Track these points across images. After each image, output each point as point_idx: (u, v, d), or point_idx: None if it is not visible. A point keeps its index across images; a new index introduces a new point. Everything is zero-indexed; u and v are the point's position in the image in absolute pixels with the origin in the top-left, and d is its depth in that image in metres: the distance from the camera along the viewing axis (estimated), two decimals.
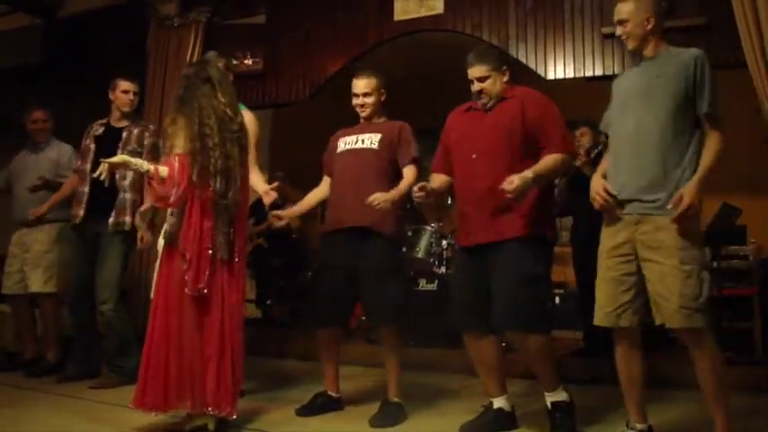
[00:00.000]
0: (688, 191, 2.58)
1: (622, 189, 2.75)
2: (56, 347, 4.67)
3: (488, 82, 3.19)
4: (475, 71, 3.21)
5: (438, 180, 3.35)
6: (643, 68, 2.83)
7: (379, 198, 3.26)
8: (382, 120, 3.66)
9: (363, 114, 3.64)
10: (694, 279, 2.59)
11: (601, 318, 2.81)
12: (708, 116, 2.67)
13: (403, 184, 3.45)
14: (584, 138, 4.83)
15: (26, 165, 4.85)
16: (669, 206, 2.61)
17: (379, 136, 3.56)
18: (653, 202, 2.67)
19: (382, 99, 3.65)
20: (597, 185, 2.81)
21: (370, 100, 3.60)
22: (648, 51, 2.81)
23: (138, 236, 4.14)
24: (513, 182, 2.87)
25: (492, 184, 3.00)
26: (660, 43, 2.82)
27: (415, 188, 3.17)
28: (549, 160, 3.06)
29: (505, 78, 3.22)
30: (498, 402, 3.23)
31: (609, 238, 2.83)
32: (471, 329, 3.24)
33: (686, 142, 2.69)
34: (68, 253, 4.58)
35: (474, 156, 3.17)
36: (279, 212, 3.64)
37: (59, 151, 4.84)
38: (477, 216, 3.14)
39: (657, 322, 2.66)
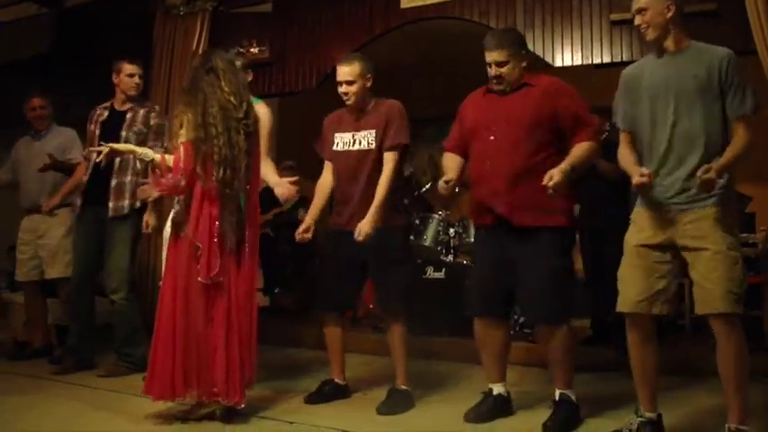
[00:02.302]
0: (715, 169, 2.54)
1: (665, 185, 2.73)
2: None
3: (507, 67, 3.11)
4: (494, 55, 3.11)
5: (452, 162, 3.31)
6: (668, 64, 2.77)
7: (365, 232, 3.27)
8: (372, 104, 3.53)
9: (348, 103, 3.50)
10: (740, 265, 2.62)
11: (631, 305, 2.75)
12: (740, 118, 2.66)
13: (380, 191, 3.37)
14: None
15: (31, 152, 4.79)
16: (698, 173, 2.57)
17: (373, 133, 3.47)
18: (696, 194, 2.66)
19: (368, 85, 3.50)
20: (636, 172, 2.73)
21: (353, 88, 3.45)
22: (670, 44, 2.76)
23: (144, 220, 4.14)
24: (552, 177, 2.86)
25: (511, 168, 3.00)
26: (682, 36, 2.77)
27: (441, 184, 3.16)
28: (582, 150, 3.04)
29: (524, 64, 3.16)
30: (497, 388, 3.25)
31: (643, 228, 2.79)
32: (487, 315, 3.23)
33: (723, 137, 2.69)
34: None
35: (492, 138, 3.14)
36: (304, 231, 3.53)
37: (65, 136, 4.80)
38: (493, 197, 3.11)
39: (698, 310, 2.66)
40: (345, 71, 3.46)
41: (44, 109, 4.83)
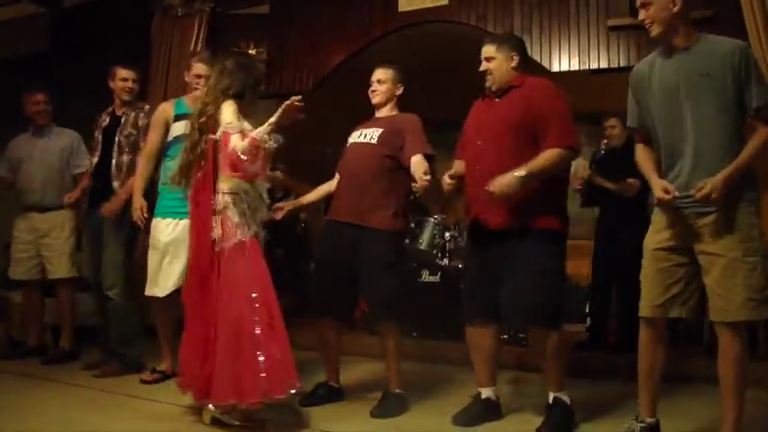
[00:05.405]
0: (713, 182, 2.52)
1: (683, 186, 2.66)
2: (71, 334, 4.68)
3: (494, 63, 3.18)
4: (484, 50, 3.23)
5: (459, 166, 3.35)
6: (680, 62, 2.67)
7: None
8: (393, 113, 3.65)
9: (374, 100, 3.64)
10: (759, 271, 2.56)
11: (649, 309, 2.74)
12: (759, 110, 2.59)
13: (419, 171, 3.31)
14: (614, 130, 4.67)
15: (34, 149, 4.74)
16: (693, 191, 2.56)
17: (380, 131, 3.54)
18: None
19: (397, 93, 3.64)
20: (659, 186, 2.69)
21: (381, 87, 3.62)
22: (679, 41, 2.67)
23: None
24: (496, 183, 2.89)
25: (495, 172, 2.98)
26: (691, 31, 2.67)
27: (446, 178, 3.24)
28: (544, 156, 3.00)
29: (513, 64, 3.19)
30: (486, 392, 3.25)
31: (661, 231, 2.75)
32: (475, 320, 3.23)
33: (741, 138, 2.63)
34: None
35: (479, 142, 3.18)
36: (279, 205, 3.68)
37: (70, 138, 4.78)
38: (480, 200, 3.11)
39: (714, 318, 2.61)
40: (379, 72, 3.66)
41: (48, 104, 4.81)
